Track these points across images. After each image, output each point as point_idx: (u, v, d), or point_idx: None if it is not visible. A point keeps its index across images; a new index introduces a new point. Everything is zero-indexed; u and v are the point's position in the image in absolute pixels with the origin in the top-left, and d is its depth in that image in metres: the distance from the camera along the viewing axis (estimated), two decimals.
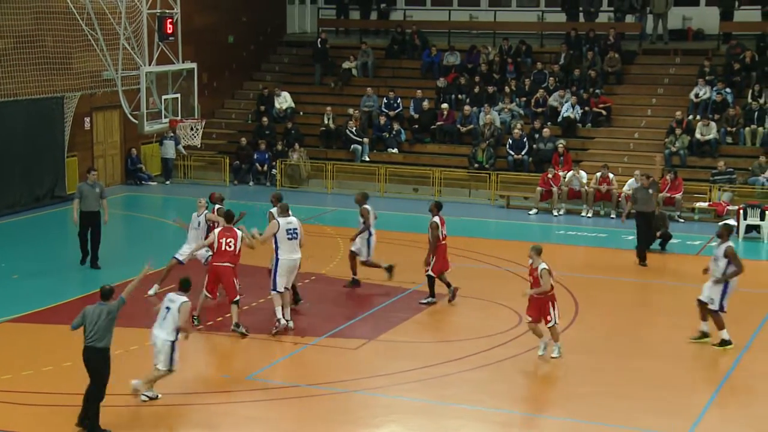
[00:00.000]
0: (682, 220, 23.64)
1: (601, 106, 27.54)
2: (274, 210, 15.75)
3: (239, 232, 15.01)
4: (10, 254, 19.71)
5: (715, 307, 14.74)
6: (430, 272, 16.52)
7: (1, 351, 14.38)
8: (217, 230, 15.19)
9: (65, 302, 16.56)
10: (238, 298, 15.00)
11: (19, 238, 21.66)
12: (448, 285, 16.72)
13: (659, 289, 18.48)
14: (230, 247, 14.86)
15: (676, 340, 15.39)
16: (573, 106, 27.25)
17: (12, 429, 11.73)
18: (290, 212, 15.36)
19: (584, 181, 24.51)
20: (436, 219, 16.49)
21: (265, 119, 28.97)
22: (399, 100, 28.89)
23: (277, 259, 15.03)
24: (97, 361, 11.48)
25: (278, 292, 15.00)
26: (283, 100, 29.72)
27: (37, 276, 18.23)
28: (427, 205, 17.14)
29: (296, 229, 15.11)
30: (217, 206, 16.91)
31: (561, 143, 25.70)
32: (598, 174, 24.27)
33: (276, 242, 15.00)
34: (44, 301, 16.59)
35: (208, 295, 15.13)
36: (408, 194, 26.35)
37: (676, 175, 23.97)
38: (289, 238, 14.97)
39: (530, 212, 24.44)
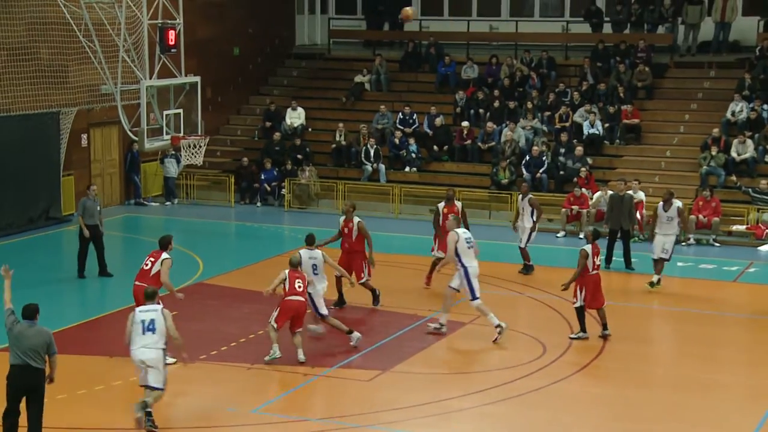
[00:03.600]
0: (718, 245, 23.55)
1: (628, 121, 27.51)
2: None
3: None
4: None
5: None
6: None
7: None
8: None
9: (62, 329, 16.60)
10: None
11: (12, 262, 21.51)
12: (372, 290, 18.03)
13: (693, 318, 18.37)
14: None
15: (713, 372, 15.32)
16: (592, 124, 27.25)
17: None
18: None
19: None
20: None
21: (277, 135, 29.08)
22: (415, 116, 29.00)
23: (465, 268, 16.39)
24: (41, 381, 11.55)
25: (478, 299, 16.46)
26: (297, 116, 29.85)
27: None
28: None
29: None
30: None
31: (584, 168, 25.59)
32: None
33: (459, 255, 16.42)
34: None
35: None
36: (424, 215, 26.30)
37: (712, 195, 23.86)
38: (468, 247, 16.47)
39: (558, 235, 24.36)
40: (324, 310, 15.94)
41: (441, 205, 19.69)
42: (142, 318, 12.69)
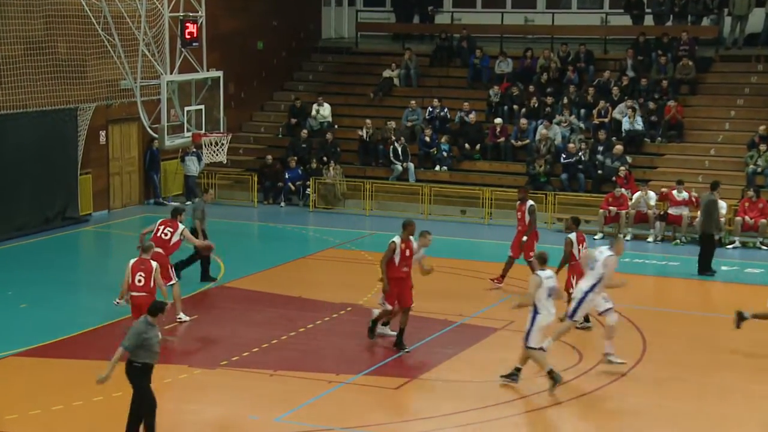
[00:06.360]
0: (765, 248, 23.40)
1: (669, 117, 27.33)
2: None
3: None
4: (17, 281, 19.93)
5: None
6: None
7: (3, 388, 14.52)
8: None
9: (78, 334, 16.74)
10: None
11: (27, 263, 21.92)
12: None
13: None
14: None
15: (759, 381, 15.22)
16: (632, 121, 27.11)
17: None
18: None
19: (652, 203, 24.32)
20: None
21: (304, 132, 29.19)
22: (446, 111, 29.03)
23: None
24: (130, 375, 12.34)
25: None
26: (324, 113, 29.92)
27: (46, 305, 18.44)
28: (477, 229, 17.13)
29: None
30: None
31: (623, 167, 25.48)
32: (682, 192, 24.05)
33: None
34: (54, 333, 16.77)
35: None
36: (455, 217, 26.35)
37: (758, 195, 23.71)
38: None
39: (595, 237, 24.27)
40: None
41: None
42: (548, 285, 14.29)
